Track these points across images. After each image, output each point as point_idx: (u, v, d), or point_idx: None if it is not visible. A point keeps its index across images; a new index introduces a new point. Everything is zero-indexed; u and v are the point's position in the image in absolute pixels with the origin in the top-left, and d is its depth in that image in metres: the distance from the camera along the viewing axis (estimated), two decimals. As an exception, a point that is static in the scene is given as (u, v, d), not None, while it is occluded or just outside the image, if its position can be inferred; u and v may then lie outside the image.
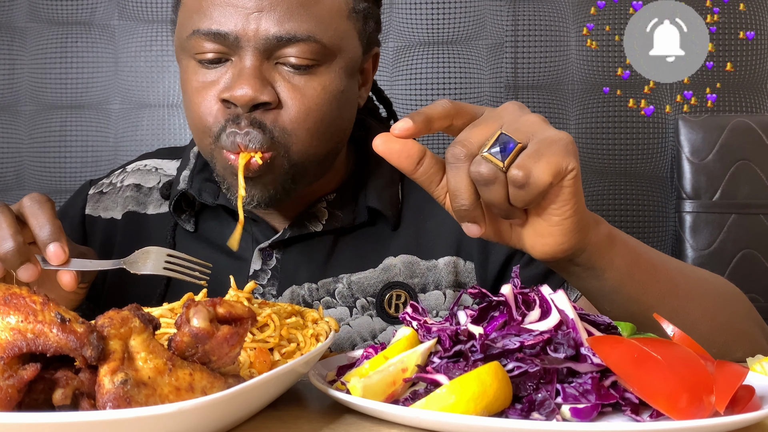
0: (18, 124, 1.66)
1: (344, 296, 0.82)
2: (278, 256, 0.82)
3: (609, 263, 0.61)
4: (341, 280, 0.82)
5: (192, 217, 0.85)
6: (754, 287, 1.52)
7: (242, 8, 0.69)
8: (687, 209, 1.55)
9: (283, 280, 0.81)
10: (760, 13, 1.64)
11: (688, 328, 0.54)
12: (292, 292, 0.81)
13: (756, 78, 1.65)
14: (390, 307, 0.82)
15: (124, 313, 0.41)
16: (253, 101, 0.69)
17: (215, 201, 0.82)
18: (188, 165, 0.86)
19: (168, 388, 0.40)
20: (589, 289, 0.64)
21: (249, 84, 0.69)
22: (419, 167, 0.56)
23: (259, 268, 0.82)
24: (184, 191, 0.83)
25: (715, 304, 0.70)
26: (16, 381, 0.38)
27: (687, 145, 1.55)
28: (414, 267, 0.82)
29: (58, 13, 1.66)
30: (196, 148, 0.86)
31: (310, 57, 0.71)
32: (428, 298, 0.83)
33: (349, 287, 0.82)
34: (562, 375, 0.47)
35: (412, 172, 0.56)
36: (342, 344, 0.82)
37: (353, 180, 0.85)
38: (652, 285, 0.64)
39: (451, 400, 0.43)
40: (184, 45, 0.73)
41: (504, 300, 0.51)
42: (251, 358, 0.52)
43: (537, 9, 1.66)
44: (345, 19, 0.74)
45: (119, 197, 0.89)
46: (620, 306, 0.64)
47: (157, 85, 1.66)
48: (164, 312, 0.57)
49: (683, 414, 0.42)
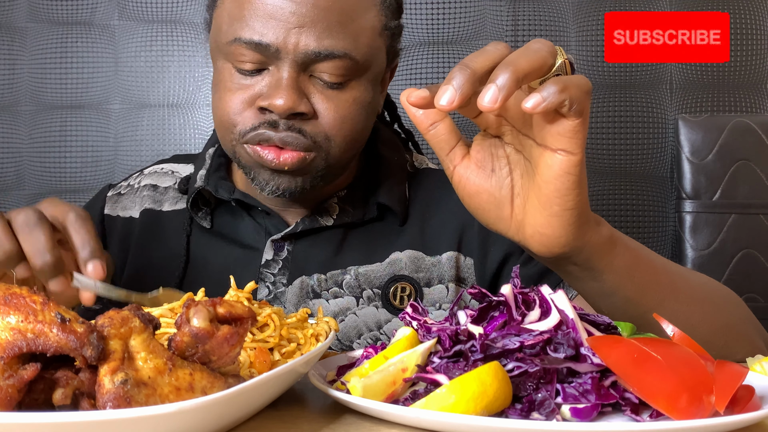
0: (18, 124, 1.66)
1: (351, 287, 0.85)
2: (289, 248, 0.86)
3: (608, 265, 0.61)
4: (349, 272, 0.86)
5: (208, 214, 0.89)
6: (754, 287, 1.51)
7: (284, 22, 0.73)
8: (687, 209, 1.55)
9: (294, 271, 0.85)
10: (760, 13, 1.64)
11: (688, 332, 0.54)
12: (301, 282, 0.85)
13: (756, 78, 1.65)
14: (395, 299, 0.85)
15: (124, 313, 0.41)
16: (291, 111, 0.74)
17: (231, 196, 0.87)
18: (204, 165, 0.91)
19: (168, 388, 0.40)
20: (586, 290, 0.64)
21: (287, 95, 0.73)
22: (432, 128, 0.57)
23: (271, 258, 0.86)
24: (201, 188, 0.87)
25: (714, 307, 0.70)
26: (16, 381, 0.38)
27: (687, 145, 1.55)
28: (419, 262, 0.86)
29: (58, 13, 1.66)
30: (212, 150, 0.93)
31: (344, 73, 0.76)
32: (432, 292, 0.86)
33: (357, 278, 0.85)
34: (562, 375, 0.47)
35: (426, 130, 0.57)
36: (348, 333, 0.85)
37: (363, 178, 0.90)
38: (651, 288, 0.64)
39: (451, 400, 0.43)
40: (222, 49, 0.77)
41: (504, 300, 0.51)
42: (251, 358, 0.52)
43: (537, 9, 1.66)
44: (377, 36, 0.78)
45: (137, 197, 0.94)
46: (618, 308, 0.64)
47: (157, 85, 1.66)
48: (164, 312, 0.57)
49: (683, 414, 0.42)
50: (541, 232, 0.57)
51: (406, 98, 0.54)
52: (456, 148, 0.59)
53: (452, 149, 0.58)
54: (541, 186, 0.55)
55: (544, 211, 0.56)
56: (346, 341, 0.85)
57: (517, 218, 0.59)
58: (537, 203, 0.56)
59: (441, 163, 0.60)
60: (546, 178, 0.54)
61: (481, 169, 0.59)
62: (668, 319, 0.54)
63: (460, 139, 0.59)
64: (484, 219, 0.61)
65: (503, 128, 0.58)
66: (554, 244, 0.57)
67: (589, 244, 0.59)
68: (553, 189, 0.54)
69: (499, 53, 0.51)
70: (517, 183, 0.58)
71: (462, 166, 0.59)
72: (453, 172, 0.59)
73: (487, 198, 0.59)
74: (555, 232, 0.57)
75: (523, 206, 0.58)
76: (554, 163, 0.54)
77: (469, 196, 0.60)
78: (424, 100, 0.52)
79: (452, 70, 0.50)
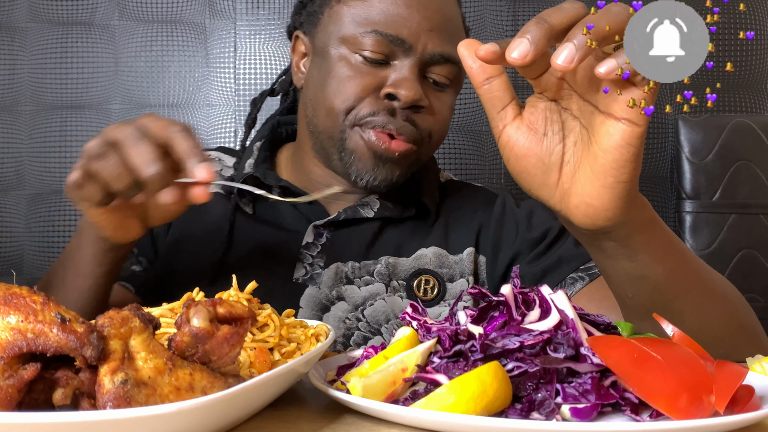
0: (18, 124, 1.66)
1: (382, 275, 0.91)
2: (328, 235, 0.92)
3: (645, 245, 0.60)
4: (380, 262, 0.92)
5: (250, 201, 0.95)
6: (754, 287, 1.51)
7: (419, 23, 0.85)
8: (687, 209, 1.55)
9: (330, 256, 0.91)
10: (760, 13, 1.64)
11: (705, 327, 0.54)
12: (336, 267, 0.91)
13: (756, 78, 1.65)
14: (419, 291, 0.91)
15: (124, 313, 0.41)
16: (415, 102, 0.84)
17: (278, 183, 0.93)
18: (252, 156, 0.98)
19: (168, 388, 0.40)
20: (617, 271, 0.63)
21: (414, 87, 0.84)
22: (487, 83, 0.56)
23: (311, 241, 0.92)
24: (250, 174, 0.94)
25: (732, 306, 0.70)
26: (16, 381, 0.38)
27: (687, 145, 1.55)
28: (443, 259, 0.93)
29: (58, 13, 1.66)
30: (259, 143, 1.00)
31: (451, 78, 0.88)
32: (455, 286, 0.92)
33: (387, 267, 0.92)
34: (562, 375, 0.47)
35: (480, 84, 0.56)
36: (377, 316, 0.90)
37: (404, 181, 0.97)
38: (680, 276, 0.63)
39: (450, 400, 0.43)
40: (348, 39, 0.86)
41: (504, 300, 0.51)
42: (251, 358, 0.52)
43: (537, 9, 1.66)
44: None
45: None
46: (645, 293, 0.63)
47: (157, 85, 1.66)
48: (164, 312, 0.57)
49: (683, 414, 0.42)
50: (589, 202, 0.55)
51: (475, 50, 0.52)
52: (508, 107, 0.56)
53: (504, 107, 0.56)
54: (597, 155, 0.53)
55: (597, 181, 0.54)
56: (375, 324, 0.89)
57: (563, 186, 0.57)
58: (590, 173, 0.54)
59: (490, 122, 0.58)
60: (605, 148, 0.53)
61: (533, 132, 0.56)
62: (689, 311, 0.53)
63: (513, 98, 0.57)
64: (527, 184, 0.58)
65: (563, 92, 0.55)
66: (600, 216, 0.56)
67: (633, 221, 0.57)
68: (611, 159, 0.53)
69: (577, 12, 0.49)
70: (569, 150, 0.56)
71: (512, 127, 0.57)
72: (502, 131, 0.57)
73: (535, 162, 0.57)
74: (603, 204, 0.55)
75: (572, 175, 0.56)
76: (616, 133, 0.52)
77: (516, 158, 0.57)
78: (493, 54, 0.51)
79: (528, 24, 0.48)
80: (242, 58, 1.66)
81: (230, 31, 1.66)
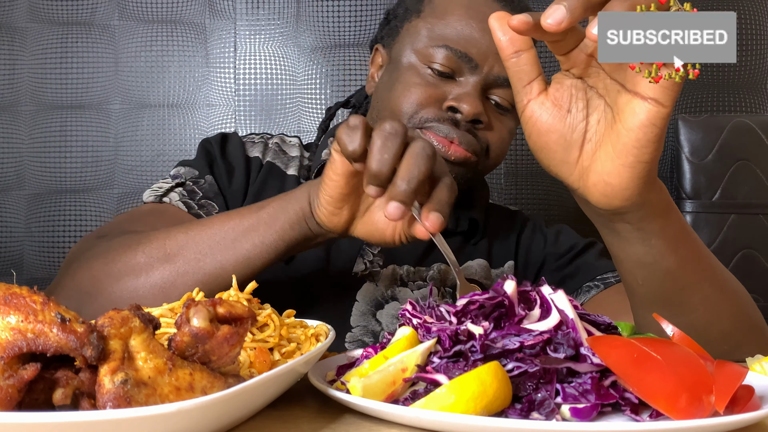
0: (18, 124, 1.66)
1: (434, 280, 0.97)
2: None
3: (659, 230, 0.60)
4: (433, 268, 0.97)
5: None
6: (754, 287, 1.51)
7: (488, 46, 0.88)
8: (687, 209, 1.55)
9: (388, 258, 0.96)
10: (760, 13, 1.64)
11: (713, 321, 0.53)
12: (393, 269, 0.96)
13: (756, 78, 1.65)
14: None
15: (124, 313, 0.41)
16: (476, 117, 0.87)
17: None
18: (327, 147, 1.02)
19: (168, 388, 0.40)
20: (629, 255, 0.63)
21: (475, 103, 0.87)
22: (515, 56, 0.56)
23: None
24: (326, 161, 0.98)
25: (741, 302, 0.70)
26: (16, 381, 0.38)
27: (687, 145, 1.55)
28: (487, 272, 0.99)
29: (58, 13, 1.66)
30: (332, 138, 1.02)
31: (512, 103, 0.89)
32: None
33: (439, 273, 0.97)
34: (562, 375, 0.47)
35: (508, 57, 0.56)
36: None
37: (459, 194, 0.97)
38: (692, 265, 0.64)
39: (450, 400, 0.43)
40: (421, 51, 0.91)
41: (504, 300, 0.51)
42: (251, 358, 0.52)
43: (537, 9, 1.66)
44: None
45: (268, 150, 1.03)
46: (656, 280, 0.63)
47: (157, 85, 1.66)
48: (164, 312, 0.57)
49: (683, 414, 0.42)
50: (607, 181, 0.55)
51: (507, 21, 0.52)
52: (534, 81, 0.56)
53: (530, 82, 0.56)
54: (620, 134, 0.53)
55: (618, 160, 0.54)
56: None
57: (583, 164, 0.57)
58: (611, 151, 0.54)
59: (514, 96, 0.58)
60: (629, 126, 0.52)
61: (557, 108, 0.56)
62: (698, 304, 0.53)
63: (540, 73, 0.57)
64: (546, 160, 0.59)
65: (590, 69, 0.55)
66: (617, 195, 0.56)
67: (649, 203, 0.58)
68: (634, 138, 0.52)
69: None
70: (591, 128, 0.56)
71: (537, 102, 0.57)
72: (526, 106, 0.57)
73: (557, 138, 0.57)
74: (622, 183, 0.55)
75: (593, 153, 0.56)
76: (641, 112, 0.51)
77: (538, 133, 0.58)
78: (526, 24, 0.51)
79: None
80: (242, 58, 1.66)
81: (230, 31, 1.66)
